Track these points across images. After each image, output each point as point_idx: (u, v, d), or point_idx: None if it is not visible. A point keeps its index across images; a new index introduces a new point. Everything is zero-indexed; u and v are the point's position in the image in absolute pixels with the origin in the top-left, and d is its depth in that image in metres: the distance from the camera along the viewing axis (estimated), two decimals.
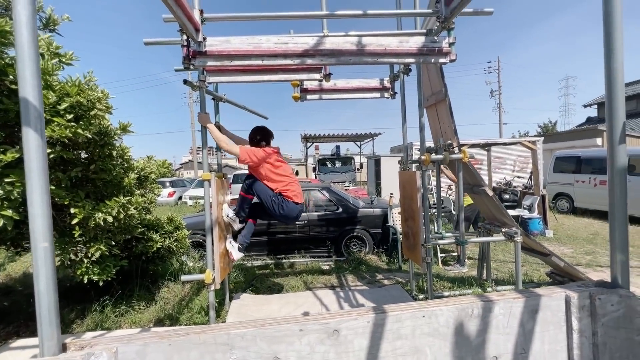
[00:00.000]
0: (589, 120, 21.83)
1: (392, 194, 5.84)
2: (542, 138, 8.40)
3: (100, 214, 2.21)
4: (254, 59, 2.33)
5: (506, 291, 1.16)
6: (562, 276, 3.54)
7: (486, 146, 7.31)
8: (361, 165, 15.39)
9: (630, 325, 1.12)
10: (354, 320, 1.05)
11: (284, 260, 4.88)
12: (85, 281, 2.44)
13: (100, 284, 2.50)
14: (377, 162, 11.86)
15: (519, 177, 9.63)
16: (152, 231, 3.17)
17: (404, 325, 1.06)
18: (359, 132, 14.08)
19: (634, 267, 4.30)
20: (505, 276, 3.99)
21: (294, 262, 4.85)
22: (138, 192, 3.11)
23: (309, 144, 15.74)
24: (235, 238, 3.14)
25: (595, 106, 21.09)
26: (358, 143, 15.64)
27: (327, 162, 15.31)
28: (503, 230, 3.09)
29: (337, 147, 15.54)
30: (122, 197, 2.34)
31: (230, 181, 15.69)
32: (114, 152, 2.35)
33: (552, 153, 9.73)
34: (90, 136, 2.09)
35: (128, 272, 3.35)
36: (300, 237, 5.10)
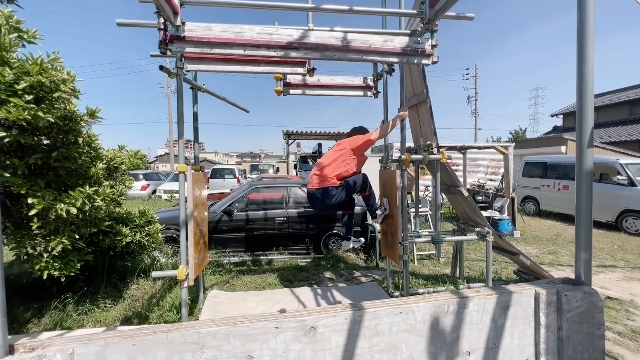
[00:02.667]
0: (555, 129, 23.27)
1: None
2: (514, 144, 8.84)
3: (62, 205, 2.04)
4: (235, 48, 2.24)
5: (480, 288, 1.19)
6: (528, 274, 3.74)
7: (462, 149, 7.58)
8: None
9: (592, 320, 1.19)
10: (331, 317, 1.03)
11: (262, 257, 4.80)
12: (45, 277, 2.26)
13: (62, 280, 2.33)
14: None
15: (491, 179, 10.08)
16: (121, 225, 3.00)
17: (382, 322, 1.06)
18: (341, 130, 14.14)
19: (593, 266, 4.62)
20: (477, 274, 4.16)
21: (272, 259, 4.79)
22: (107, 183, 2.93)
23: (290, 141, 15.61)
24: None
25: (561, 116, 22.53)
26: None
27: (309, 160, 15.25)
28: (476, 229, 3.20)
29: (319, 145, 15.53)
30: (88, 188, 2.18)
31: (209, 175, 15.28)
32: (80, 140, 2.18)
33: (522, 158, 10.27)
34: (52, 120, 1.92)
35: (94, 267, 3.15)
36: (279, 233, 5.03)
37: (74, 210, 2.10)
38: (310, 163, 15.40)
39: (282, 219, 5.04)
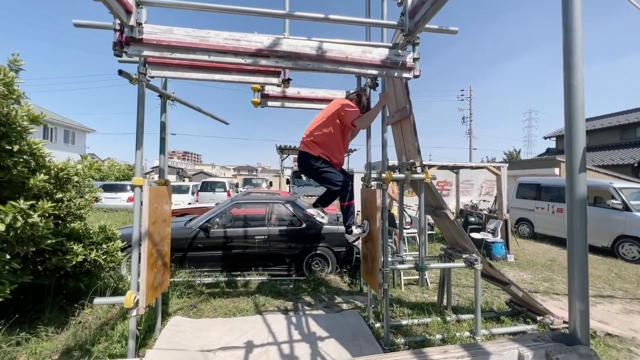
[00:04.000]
0: (549, 151, 23.48)
1: (358, 211, 5.67)
2: (507, 164, 8.72)
3: None
4: (199, 53, 2.07)
5: (449, 347, 0.94)
6: (521, 305, 3.46)
7: (454, 168, 7.42)
8: None
9: None
10: None
11: (239, 278, 4.47)
12: None
13: None
14: (351, 177, 11.75)
15: (484, 200, 9.91)
16: (73, 242, 2.71)
17: None
18: None
19: (590, 296, 4.35)
20: (466, 303, 3.86)
21: (250, 280, 4.46)
22: (62, 195, 2.67)
23: (284, 155, 15.45)
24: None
25: (554, 138, 22.77)
26: None
27: (302, 176, 15.05)
28: (464, 256, 2.95)
29: None
30: (22, 202, 1.93)
31: (198, 188, 14.95)
32: (16, 147, 1.95)
33: (516, 179, 10.14)
34: None
35: (40, 288, 2.83)
36: (259, 253, 4.73)
37: (1, 227, 1.83)
38: (304, 179, 15.17)
39: (263, 237, 4.75)
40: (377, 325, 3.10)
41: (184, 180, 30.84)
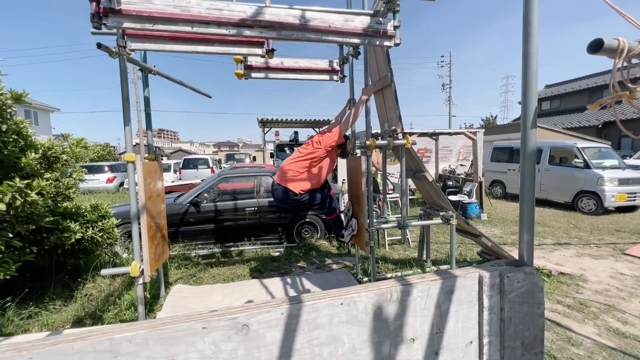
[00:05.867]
0: None
1: (344, 179, 5.89)
2: (483, 130, 9.12)
3: None
4: (181, 24, 2.05)
5: (425, 274, 1.16)
6: (490, 255, 3.89)
7: (434, 135, 7.71)
8: None
9: (533, 300, 1.20)
10: (266, 312, 0.96)
11: (233, 249, 4.68)
12: None
13: None
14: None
15: (462, 165, 10.41)
16: (69, 220, 2.76)
17: (321, 315, 1.01)
18: (318, 118, 13.91)
19: (548, 245, 4.92)
20: (444, 256, 4.29)
21: (243, 250, 4.68)
22: (50, 175, 2.66)
23: (266, 129, 15.24)
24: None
25: None
26: (317, 129, 15.52)
27: (286, 148, 15.01)
28: (441, 213, 3.26)
29: (296, 133, 15.30)
30: (18, 181, 1.95)
31: (180, 166, 14.66)
32: (4, 127, 1.92)
33: (491, 144, 10.65)
34: None
35: (41, 267, 2.91)
36: (251, 224, 4.91)
37: (1, 207, 1.87)
38: (287, 151, 15.17)
39: (253, 208, 4.91)
40: (365, 279, 3.44)
41: (162, 159, 29.92)
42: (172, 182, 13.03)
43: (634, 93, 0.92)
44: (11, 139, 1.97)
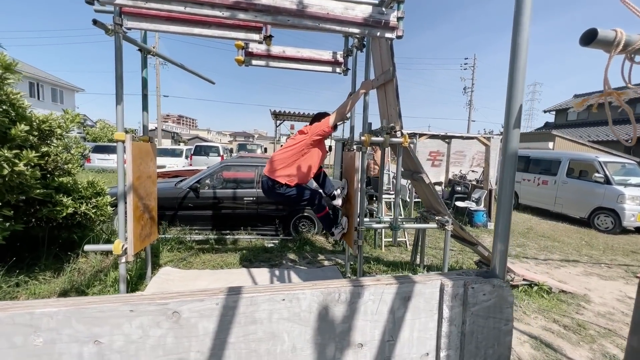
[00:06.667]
0: (547, 125, 23.33)
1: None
2: (499, 135, 8.76)
3: None
4: (174, 3, 2.00)
5: (381, 277, 1.08)
6: (487, 265, 3.73)
7: (445, 138, 7.47)
8: (330, 148, 15.28)
9: (500, 315, 1.10)
10: (199, 301, 0.92)
11: (228, 237, 4.70)
12: None
13: None
14: (344, 145, 11.80)
15: (473, 171, 10.07)
16: (62, 194, 2.81)
17: (260, 309, 0.95)
18: (331, 112, 13.73)
19: (555, 260, 4.67)
20: (440, 262, 4.15)
21: (238, 238, 4.69)
22: (49, 149, 2.72)
23: (279, 121, 15.26)
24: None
25: (554, 112, 22.54)
26: None
27: None
28: (437, 218, 3.13)
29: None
30: (6, 151, 1.99)
31: (192, 152, 14.91)
32: None
33: None
34: None
35: (34, 238, 2.99)
36: (248, 213, 4.91)
37: None
38: None
39: (252, 198, 4.90)
40: (354, 278, 3.36)
41: (179, 144, 30.54)
42: (183, 167, 13.30)
43: (625, 92, 0.80)
44: (1, 109, 2.01)
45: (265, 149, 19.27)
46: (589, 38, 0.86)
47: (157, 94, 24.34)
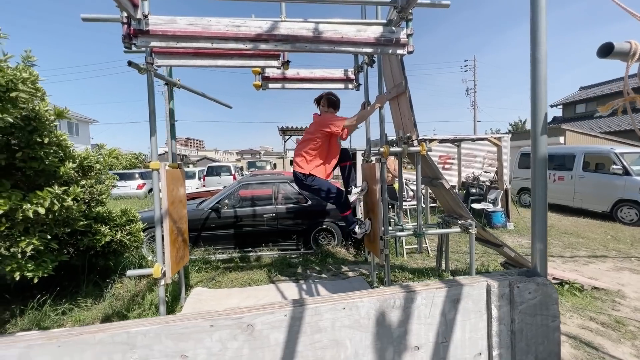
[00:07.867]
0: (555, 119, 23.06)
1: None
2: (509, 135, 8.74)
3: (29, 205, 2.02)
4: (202, 41, 2.19)
5: (430, 281, 1.16)
6: (514, 266, 3.70)
7: (456, 141, 7.51)
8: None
9: (546, 312, 1.15)
10: (269, 314, 1.00)
11: (251, 254, 4.79)
12: (17, 278, 2.24)
13: (35, 280, 2.31)
14: (353, 155, 11.90)
15: (486, 172, 10.01)
16: (100, 224, 2.97)
17: (324, 318, 1.03)
18: None
19: (582, 257, 4.59)
20: (465, 267, 4.13)
21: (261, 255, 4.77)
22: (86, 182, 2.90)
23: (286, 137, 15.55)
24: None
25: (561, 106, 22.32)
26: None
27: None
28: (459, 222, 3.17)
29: None
30: (56, 188, 2.15)
31: (205, 173, 15.25)
32: (47, 140, 2.14)
33: (519, 150, 10.18)
34: (12, 120, 1.88)
35: (75, 267, 3.14)
36: (268, 230, 5.01)
37: (42, 210, 2.07)
38: None
39: (271, 215, 5.01)
40: (381, 287, 3.39)
41: (188, 167, 31.21)
42: (197, 188, 13.58)
43: None
44: (52, 150, 2.20)
45: (275, 165, 19.55)
46: (606, 51, 0.96)
47: (166, 119, 25.18)
